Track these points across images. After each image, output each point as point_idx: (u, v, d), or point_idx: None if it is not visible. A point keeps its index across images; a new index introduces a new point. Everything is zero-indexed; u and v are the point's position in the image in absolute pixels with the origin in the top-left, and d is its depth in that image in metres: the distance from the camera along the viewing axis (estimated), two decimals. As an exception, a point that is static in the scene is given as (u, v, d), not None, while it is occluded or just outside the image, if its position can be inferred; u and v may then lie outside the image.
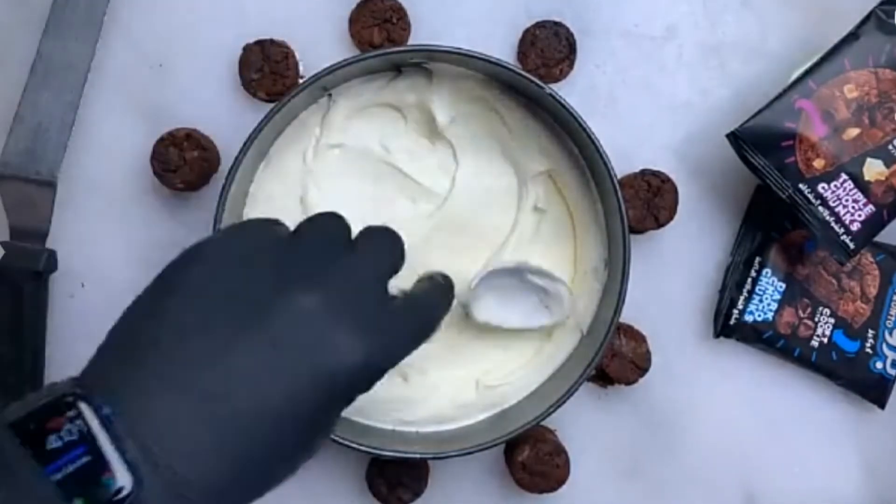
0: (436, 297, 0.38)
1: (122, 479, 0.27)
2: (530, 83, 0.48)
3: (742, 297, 0.53)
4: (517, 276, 0.50)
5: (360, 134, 0.51)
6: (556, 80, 0.53)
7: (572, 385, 0.48)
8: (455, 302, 0.51)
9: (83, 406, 0.28)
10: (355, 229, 0.36)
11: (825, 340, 0.53)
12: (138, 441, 0.28)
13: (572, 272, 0.52)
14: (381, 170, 0.51)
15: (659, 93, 0.55)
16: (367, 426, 0.50)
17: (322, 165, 0.51)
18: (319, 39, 0.54)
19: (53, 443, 0.27)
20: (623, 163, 0.52)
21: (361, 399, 0.50)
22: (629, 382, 0.52)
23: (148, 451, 0.28)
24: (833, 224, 0.49)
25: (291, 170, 0.51)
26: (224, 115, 0.53)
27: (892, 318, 0.54)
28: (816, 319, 0.54)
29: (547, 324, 0.51)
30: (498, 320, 0.50)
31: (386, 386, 0.51)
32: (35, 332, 0.51)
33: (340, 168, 0.51)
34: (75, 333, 0.53)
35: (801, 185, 0.49)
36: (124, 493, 0.27)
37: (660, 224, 0.52)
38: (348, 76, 0.49)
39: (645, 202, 0.52)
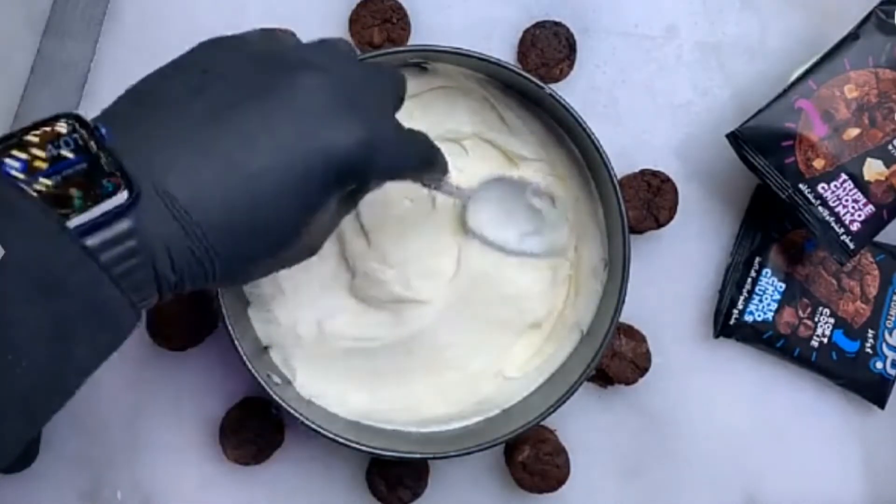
0: (434, 145, 0.41)
1: (121, 188, 0.27)
2: (530, 83, 0.48)
3: (742, 297, 0.53)
4: (519, 193, 0.50)
5: None
6: (556, 80, 0.53)
7: (572, 385, 0.48)
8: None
9: (78, 125, 0.28)
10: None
11: (825, 340, 0.53)
12: (137, 160, 0.28)
13: (572, 272, 0.52)
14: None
15: (659, 93, 0.55)
16: (368, 426, 0.50)
17: None
18: (319, 39, 0.54)
19: (51, 151, 0.27)
20: (623, 163, 0.52)
21: (362, 399, 0.51)
22: (629, 382, 0.52)
23: (149, 170, 0.28)
24: (833, 224, 0.49)
25: None
26: (224, 115, 0.53)
27: (892, 318, 0.54)
28: (816, 319, 0.53)
29: (538, 252, 0.51)
30: (492, 235, 0.50)
31: (386, 386, 0.51)
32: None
33: None
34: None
35: (801, 185, 0.49)
36: (123, 199, 0.27)
37: (660, 224, 0.52)
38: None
39: (645, 202, 0.52)
